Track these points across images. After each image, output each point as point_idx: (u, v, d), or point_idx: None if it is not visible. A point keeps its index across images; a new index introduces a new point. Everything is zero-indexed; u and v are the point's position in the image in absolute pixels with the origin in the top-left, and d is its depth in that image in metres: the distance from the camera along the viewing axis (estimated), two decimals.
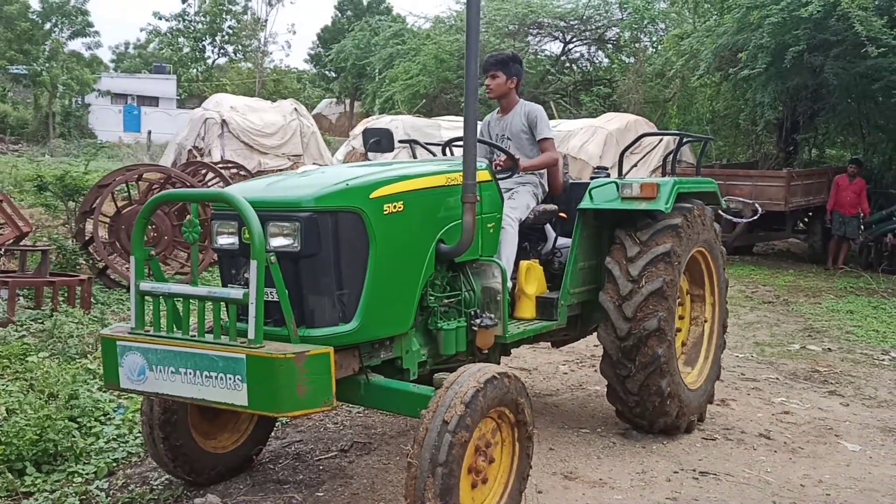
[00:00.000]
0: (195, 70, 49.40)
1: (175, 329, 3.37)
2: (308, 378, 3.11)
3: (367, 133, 4.80)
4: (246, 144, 17.14)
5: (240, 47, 51.34)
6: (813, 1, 12.12)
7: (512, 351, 5.06)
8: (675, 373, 4.84)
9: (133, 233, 3.46)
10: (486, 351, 4.25)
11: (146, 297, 3.39)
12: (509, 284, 4.40)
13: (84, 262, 9.14)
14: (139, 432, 4.59)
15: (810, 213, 14.78)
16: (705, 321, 5.43)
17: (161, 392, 3.32)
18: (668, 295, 4.67)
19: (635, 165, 17.76)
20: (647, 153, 17.94)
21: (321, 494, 4.01)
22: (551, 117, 24.09)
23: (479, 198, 3.91)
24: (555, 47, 28.25)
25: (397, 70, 27.82)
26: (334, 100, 46.27)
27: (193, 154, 16.53)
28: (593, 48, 28.52)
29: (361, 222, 3.54)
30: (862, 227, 13.77)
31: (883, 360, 7.52)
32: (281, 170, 17.31)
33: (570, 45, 28.34)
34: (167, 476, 4.11)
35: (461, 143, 4.04)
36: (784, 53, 12.89)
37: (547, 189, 5.08)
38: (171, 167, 12.53)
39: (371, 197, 3.59)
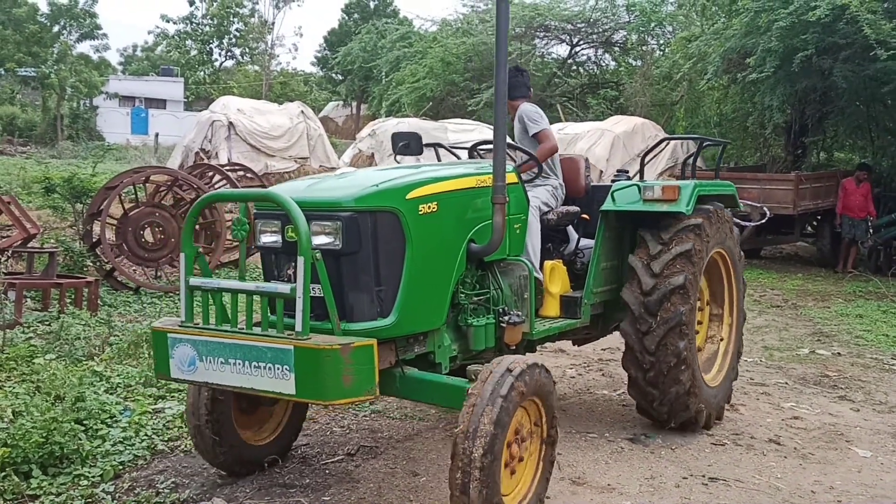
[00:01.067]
0: (202, 72, 49.53)
1: (223, 322, 3.53)
2: (353, 368, 3.30)
3: (395, 137, 5.03)
4: (253, 147, 17.18)
5: (247, 50, 51.49)
6: (821, 5, 12.07)
7: (537, 348, 5.13)
8: (696, 368, 4.93)
9: (183, 231, 3.64)
10: (514, 347, 4.37)
11: (195, 292, 3.57)
12: (539, 275, 4.61)
13: (91, 264, 9.15)
14: (146, 435, 4.59)
15: (819, 217, 14.70)
16: (727, 322, 5.56)
17: (211, 381, 3.49)
18: (689, 291, 4.77)
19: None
20: (655, 156, 17.86)
21: (327, 499, 3.99)
22: (557, 120, 24.07)
23: (507, 199, 3.97)
24: (561, 50, 28.20)
25: (404, 73, 27.80)
26: (341, 102, 46.29)
27: (200, 156, 16.57)
28: (600, 51, 28.44)
29: (398, 222, 3.72)
30: (871, 230, 13.71)
31: (893, 364, 7.46)
32: (288, 172, 17.36)
33: (577, 48, 28.26)
34: (173, 479, 4.10)
35: (486, 146, 4.30)
36: (792, 57, 12.84)
37: (565, 192, 5.23)
38: (178, 169, 12.53)
39: (407, 198, 3.78)
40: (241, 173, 14.08)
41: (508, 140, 4.99)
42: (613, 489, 4.25)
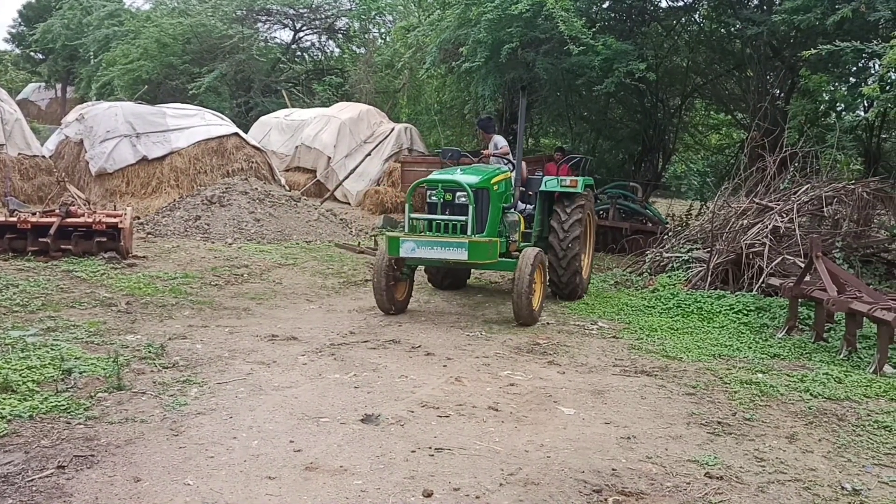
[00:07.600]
0: None
1: (428, 233, 8.32)
2: (493, 250, 8.21)
3: (444, 151, 10.23)
4: None
5: None
6: (522, 0, 13.04)
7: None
8: (581, 271, 9.72)
9: (408, 194, 8.55)
10: (515, 252, 8.96)
11: (413, 222, 8.45)
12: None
13: None
14: None
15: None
16: (588, 238, 10.48)
17: (423, 257, 8.16)
18: (581, 238, 9.47)
19: (369, 154, 18.16)
20: (380, 143, 18.44)
21: None
22: (283, 106, 23.67)
23: (523, 183, 9.65)
24: (285, 35, 27.90)
25: (115, 53, 25.88)
26: (43, 84, 42.10)
27: None
28: (324, 37, 28.48)
29: (488, 193, 8.45)
30: None
31: (591, 329, 8.33)
32: None
33: (301, 34, 28.05)
34: None
35: (482, 156, 10.08)
36: (500, 49, 13.75)
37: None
38: None
39: (492, 182, 8.54)
40: None
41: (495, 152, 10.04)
42: (346, 470, 4.30)
